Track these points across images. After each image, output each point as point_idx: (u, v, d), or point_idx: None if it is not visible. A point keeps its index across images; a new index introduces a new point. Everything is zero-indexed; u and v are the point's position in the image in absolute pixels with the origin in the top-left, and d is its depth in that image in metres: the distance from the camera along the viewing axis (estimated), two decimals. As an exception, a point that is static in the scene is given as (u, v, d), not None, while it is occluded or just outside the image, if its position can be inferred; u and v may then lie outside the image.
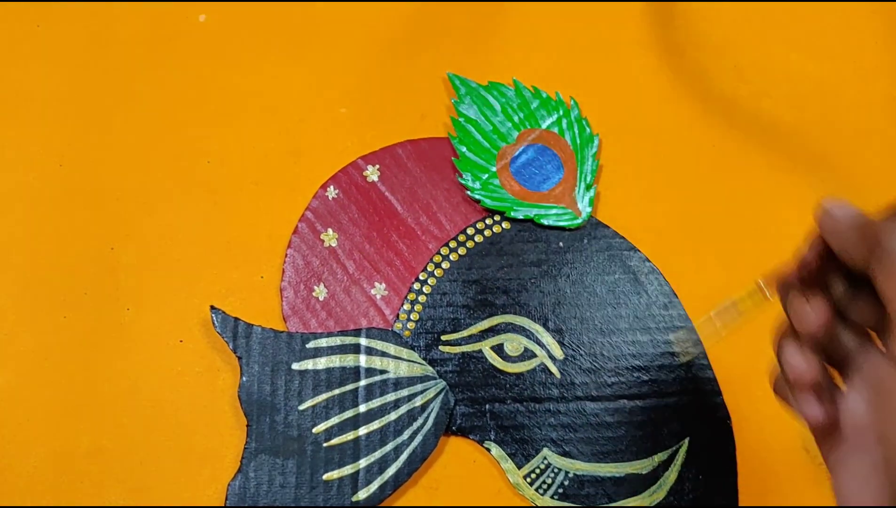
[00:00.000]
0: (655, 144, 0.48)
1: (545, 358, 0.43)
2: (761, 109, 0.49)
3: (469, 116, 0.47)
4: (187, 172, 0.46)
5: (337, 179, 0.46)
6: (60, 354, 0.42)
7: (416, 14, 0.51)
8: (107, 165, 0.46)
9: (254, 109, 0.48)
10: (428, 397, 0.42)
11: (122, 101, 0.48)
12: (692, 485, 0.41)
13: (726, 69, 0.50)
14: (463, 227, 0.45)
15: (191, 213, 0.46)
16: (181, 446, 0.41)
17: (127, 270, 0.44)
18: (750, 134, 0.48)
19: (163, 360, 0.43)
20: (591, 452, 0.41)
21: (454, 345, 0.43)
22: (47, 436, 0.41)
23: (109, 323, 0.43)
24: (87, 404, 0.42)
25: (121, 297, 0.44)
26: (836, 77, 0.50)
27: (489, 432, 0.42)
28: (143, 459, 0.41)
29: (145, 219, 0.45)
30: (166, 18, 0.50)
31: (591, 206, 0.46)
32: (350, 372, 0.42)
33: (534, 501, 0.41)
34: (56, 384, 0.42)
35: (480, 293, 0.44)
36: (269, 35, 0.50)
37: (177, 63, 0.49)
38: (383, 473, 0.40)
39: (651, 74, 0.50)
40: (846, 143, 0.48)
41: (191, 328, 0.43)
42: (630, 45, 0.50)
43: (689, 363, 0.43)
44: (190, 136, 0.47)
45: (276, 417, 0.41)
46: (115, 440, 0.41)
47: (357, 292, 0.44)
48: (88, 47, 0.49)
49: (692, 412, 0.42)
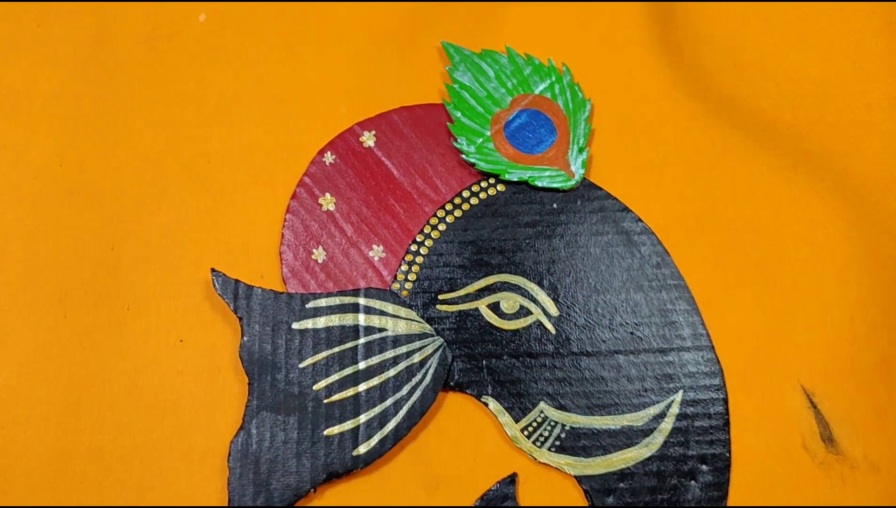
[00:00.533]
0: (654, 144, 0.48)
1: (540, 315, 0.44)
2: (761, 108, 0.49)
3: (463, 83, 0.48)
4: (187, 172, 0.46)
5: (334, 144, 0.47)
6: (60, 353, 0.42)
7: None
8: (107, 165, 0.46)
9: (254, 109, 0.48)
10: (426, 353, 0.43)
11: (122, 100, 0.48)
12: (686, 436, 0.42)
13: (726, 68, 0.50)
14: (458, 190, 0.46)
15: (191, 213, 0.46)
16: (181, 446, 0.41)
17: (127, 269, 0.44)
18: (750, 133, 0.48)
19: (163, 360, 0.43)
20: (586, 405, 0.42)
21: (451, 304, 0.44)
22: (47, 436, 0.41)
23: (109, 322, 0.43)
24: (87, 403, 0.42)
25: (121, 296, 0.44)
26: (836, 77, 0.50)
27: (486, 386, 0.42)
28: (143, 459, 0.41)
29: (145, 218, 0.45)
30: (166, 18, 0.50)
31: (583, 168, 0.46)
32: (349, 331, 0.43)
33: (531, 453, 0.42)
34: (56, 384, 0.42)
35: (476, 254, 0.45)
36: (269, 35, 0.50)
37: (177, 63, 0.49)
38: (383, 427, 0.41)
39: (650, 72, 0.50)
40: (846, 142, 0.48)
41: (191, 328, 0.43)
42: (629, 43, 0.50)
43: (682, 321, 0.44)
44: (190, 136, 0.47)
45: (277, 375, 0.42)
46: (115, 440, 0.41)
47: (355, 255, 0.45)
48: (88, 47, 0.49)
49: (685, 366, 0.43)
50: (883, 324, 0.44)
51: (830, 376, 0.43)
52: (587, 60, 0.50)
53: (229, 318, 0.43)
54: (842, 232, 0.46)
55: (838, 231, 0.46)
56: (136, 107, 0.47)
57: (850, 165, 0.47)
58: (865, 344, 0.44)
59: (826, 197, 0.47)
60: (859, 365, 0.43)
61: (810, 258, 0.45)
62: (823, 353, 0.44)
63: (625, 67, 0.50)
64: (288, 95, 0.49)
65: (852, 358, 0.43)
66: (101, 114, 0.47)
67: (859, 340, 0.44)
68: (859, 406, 0.42)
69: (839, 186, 0.47)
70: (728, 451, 0.42)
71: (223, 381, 0.42)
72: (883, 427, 0.42)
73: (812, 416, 0.42)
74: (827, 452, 0.42)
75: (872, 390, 0.43)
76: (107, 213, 0.45)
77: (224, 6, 0.50)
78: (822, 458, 0.42)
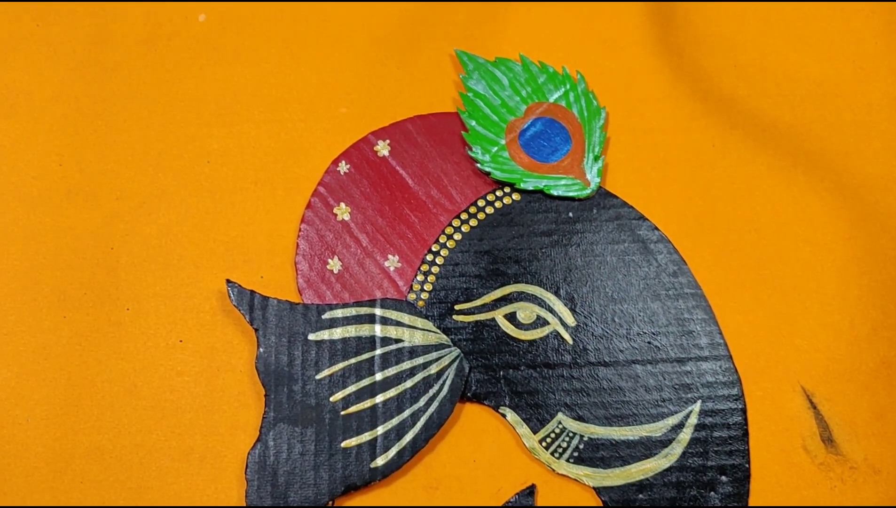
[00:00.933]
0: (655, 144, 0.48)
1: (557, 325, 0.44)
2: (761, 108, 0.49)
3: (478, 91, 0.48)
4: (187, 172, 0.47)
5: (348, 154, 0.47)
6: (60, 353, 0.43)
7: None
8: (107, 165, 0.46)
9: (254, 109, 0.48)
10: (443, 364, 0.42)
11: (121, 101, 0.48)
12: (706, 447, 0.42)
13: (726, 68, 0.50)
14: (473, 199, 0.46)
15: (191, 213, 0.46)
16: (181, 446, 0.41)
17: (127, 270, 0.44)
18: (750, 133, 0.48)
19: (163, 360, 0.43)
20: (604, 416, 0.42)
21: (467, 314, 0.44)
22: (47, 436, 0.41)
23: (109, 323, 0.43)
24: (87, 404, 0.42)
25: (120, 297, 0.44)
26: (835, 77, 0.50)
27: (504, 397, 0.42)
28: (143, 459, 0.41)
29: (145, 219, 0.45)
30: (166, 18, 0.50)
31: (599, 176, 0.46)
32: (366, 342, 0.42)
33: (549, 465, 0.41)
34: (56, 384, 0.42)
35: (492, 264, 0.45)
36: (269, 35, 0.50)
37: (177, 63, 0.49)
38: (401, 439, 0.41)
39: (650, 73, 0.49)
40: (846, 142, 0.48)
41: (191, 328, 0.43)
42: (629, 44, 0.50)
43: (699, 330, 0.44)
44: (190, 136, 0.47)
45: (294, 387, 0.42)
46: (115, 440, 0.41)
47: (371, 265, 0.45)
48: (88, 47, 0.49)
49: (703, 376, 0.43)
50: (883, 325, 0.44)
51: (830, 377, 0.43)
52: (587, 61, 0.50)
53: (229, 319, 0.43)
54: (842, 232, 0.46)
55: (838, 231, 0.46)
56: (136, 107, 0.48)
57: (850, 165, 0.47)
58: (865, 345, 0.44)
59: (826, 197, 0.47)
60: (859, 366, 0.43)
61: (810, 259, 0.45)
62: (823, 354, 0.44)
63: (624, 68, 0.50)
64: (289, 97, 0.49)
65: (852, 359, 0.43)
66: (101, 114, 0.47)
67: (859, 341, 0.44)
68: (859, 408, 0.43)
69: (839, 186, 0.47)
70: (747, 462, 0.41)
71: (222, 382, 0.42)
72: (883, 429, 0.42)
73: (812, 417, 0.42)
74: (827, 453, 0.42)
75: (872, 391, 0.43)
76: (106, 213, 0.45)
77: (224, 6, 0.51)
78: (823, 459, 0.42)
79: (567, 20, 0.50)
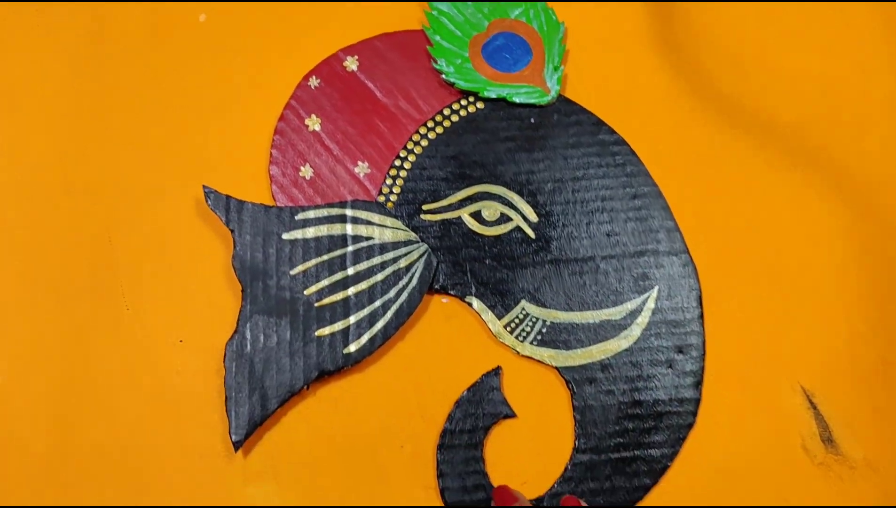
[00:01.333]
0: (655, 142, 0.48)
1: (520, 221, 0.46)
2: (761, 106, 0.49)
3: (442, 10, 0.50)
4: (187, 171, 0.47)
5: (318, 70, 0.49)
6: (59, 353, 0.43)
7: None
8: (106, 163, 0.47)
9: (254, 109, 0.48)
10: (412, 258, 0.44)
11: (121, 99, 0.48)
12: (663, 329, 0.44)
13: (726, 67, 0.50)
14: (439, 108, 0.48)
15: (190, 212, 0.46)
16: (181, 446, 0.41)
17: (126, 268, 0.44)
18: (750, 132, 0.48)
19: (163, 360, 0.43)
20: (566, 302, 0.44)
21: (434, 214, 0.46)
22: (46, 435, 0.41)
23: (109, 323, 0.43)
24: (87, 403, 0.42)
25: (120, 296, 0.44)
26: (836, 75, 0.50)
27: (470, 287, 0.44)
28: (143, 459, 0.41)
29: (144, 216, 0.46)
30: (166, 18, 0.50)
31: (559, 84, 0.48)
32: (337, 240, 0.44)
33: (514, 348, 0.43)
34: (55, 384, 0.42)
35: (458, 167, 0.47)
36: (268, 35, 0.50)
37: (177, 63, 0.49)
38: (372, 327, 0.43)
39: (650, 71, 0.49)
40: (846, 141, 0.48)
41: (191, 328, 0.43)
42: (629, 43, 0.50)
43: (657, 226, 0.46)
44: (190, 135, 0.48)
45: (269, 282, 0.43)
46: (115, 440, 0.41)
47: (341, 171, 0.46)
48: (88, 46, 0.49)
49: (661, 267, 0.45)
50: (882, 324, 0.44)
51: (830, 376, 0.43)
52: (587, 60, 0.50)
53: (229, 318, 0.43)
54: (842, 232, 0.46)
55: (838, 231, 0.46)
56: (136, 106, 0.48)
57: (850, 165, 0.47)
58: (864, 345, 0.44)
59: (826, 197, 0.47)
60: (858, 366, 0.44)
61: (810, 258, 0.46)
62: (823, 354, 0.44)
63: (624, 66, 0.50)
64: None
65: (851, 359, 0.44)
66: (101, 113, 0.47)
67: (858, 340, 0.44)
68: (858, 407, 0.43)
69: (839, 185, 0.47)
70: (703, 341, 0.44)
71: (222, 381, 0.42)
72: (882, 428, 0.42)
73: (811, 416, 0.43)
74: (826, 452, 0.42)
75: (871, 390, 0.43)
76: (105, 210, 0.45)
77: (224, 6, 0.50)
78: (822, 458, 0.42)
79: (567, 20, 0.50)
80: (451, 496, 0.41)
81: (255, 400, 0.41)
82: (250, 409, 0.41)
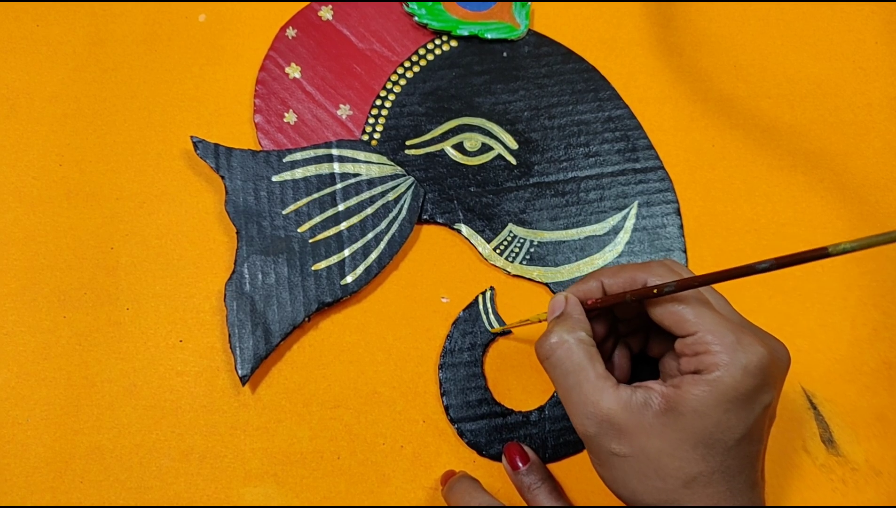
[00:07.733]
0: (655, 144, 0.48)
1: (501, 149, 0.47)
2: (761, 108, 0.49)
3: (409, -44, 0.51)
4: (187, 172, 0.47)
5: (294, 21, 0.50)
6: (60, 353, 0.43)
7: None
8: (107, 165, 0.47)
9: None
10: (400, 191, 0.46)
11: (121, 100, 0.48)
12: (644, 238, 0.46)
13: (726, 69, 0.50)
14: (414, 49, 0.49)
15: (190, 213, 0.46)
16: (181, 446, 0.42)
17: (126, 269, 0.44)
18: (750, 133, 0.48)
19: (163, 360, 0.43)
20: (551, 222, 0.46)
21: (418, 148, 0.47)
22: (46, 436, 0.41)
23: (109, 323, 0.43)
24: (87, 404, 0.42)
25: (120, 296, 0.44)
26: (835, 77, 0.50)
27: (458, 214, 0.46)
28: (143, 459, 0.41)
29: (145, 219, 0.46)
30: (166, 18, 0.50)
31: (528, 19, 0.50)
32: (326, 178, 0.46)
33: (505, 268, 0.45)
34: (55, 384, 0.42)
35: (437, 102, 0.48)
36: (268, 35, 0.50)
37: (177, 63, 0.49)
38: (367, 258, 0.44)
39: (650, 73, 0.50)
40: (845, 142, 0.48)
41: (191, 328, 0.44)
42: (629, 44, 0.51)
43: (634, 145, 0.48)
44: (190, 135, 0.47)
45: (263, 222, 0.45)
46: (114, 440, 0.42)
47: (324, 114, 0.48)
48: (88, 47, 0.49)
49: (639, 183, 0.47)
50: (884, 326, 0.45)
51: (831, 378, 0.44)
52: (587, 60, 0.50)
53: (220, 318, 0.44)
54: (842, 232, 0.46)
55: (838, 231, 0.46)
56: (136, 107, 0.48)
57: (850, 165, 0.48)
58: (866, 346, 0.44)
59: (826, 197, 0.47)
60: (860, 367, 0.44)
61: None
62: (824, 355, 0.44)
63: (624, 68, 0.50)
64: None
65: (853, 360, 0.44)
66: (101, 114, 0.48)
67: (860, 342, 0.44)
68: (860, 409, 0.43)
69: (839, 185, 0.47)
70: (684, 249, 0.46)
71: (222, 381, 0.43)
72: (884, 430, 0.43)
73: (813, 418, 0.43)
74: (828, 454, 0.42)
75: (873, 392, 0.43)
76: (106, 213, 0.46)
77: (224, 6, 0.51)
78: (823, 460, 0.42)
79: (567, 20, 0.51)
80: (455, 412, 0.43)
81: (258, 335, 0.42)
82: (254, 344, 0.42)
